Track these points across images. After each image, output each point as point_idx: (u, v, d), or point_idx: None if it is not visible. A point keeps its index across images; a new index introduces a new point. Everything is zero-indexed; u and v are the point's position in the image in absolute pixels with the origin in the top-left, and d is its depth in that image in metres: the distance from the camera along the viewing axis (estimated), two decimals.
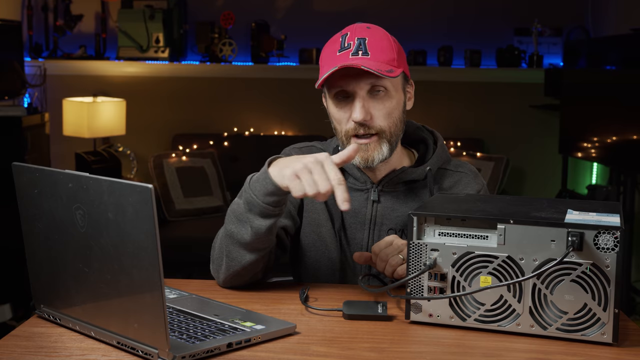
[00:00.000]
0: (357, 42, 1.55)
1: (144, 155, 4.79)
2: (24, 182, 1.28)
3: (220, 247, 1.53)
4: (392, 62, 1.55)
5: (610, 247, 1.21)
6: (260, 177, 1.43)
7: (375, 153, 1.57)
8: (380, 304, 1.37)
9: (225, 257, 1.50)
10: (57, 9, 4.83)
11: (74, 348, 1.20)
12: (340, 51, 1.55)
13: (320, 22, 4.87)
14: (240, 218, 1.47)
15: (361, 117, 1.54)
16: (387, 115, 1.57)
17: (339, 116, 1.59)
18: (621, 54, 3.75)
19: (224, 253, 1.51)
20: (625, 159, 3.69)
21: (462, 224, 1.30)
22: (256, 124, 4.90)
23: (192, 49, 4.92)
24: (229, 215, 1.50)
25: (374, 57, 1.53)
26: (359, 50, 1.54)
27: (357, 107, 1.54)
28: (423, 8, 4.87)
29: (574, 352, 1.21)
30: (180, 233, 4.15)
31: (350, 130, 1.57)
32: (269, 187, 1.41)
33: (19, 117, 3.83)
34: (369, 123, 1.55)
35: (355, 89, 1.54)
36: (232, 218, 1.49)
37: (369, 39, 1.55)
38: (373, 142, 1.57)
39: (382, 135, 1.57)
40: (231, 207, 1.51)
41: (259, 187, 1.42)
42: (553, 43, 4.82)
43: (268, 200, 1.42)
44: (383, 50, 1.55)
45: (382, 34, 1.58)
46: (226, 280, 1.53)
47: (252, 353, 1.20)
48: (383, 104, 1.56)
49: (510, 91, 4.79)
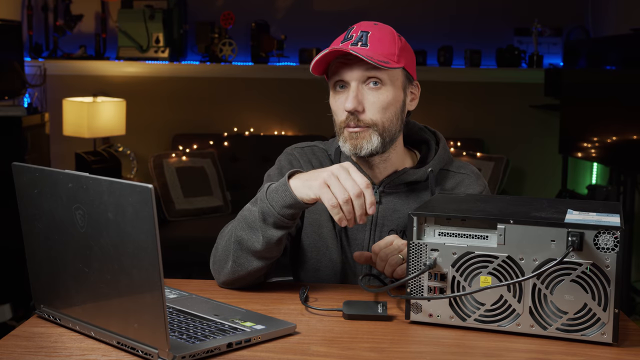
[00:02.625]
0: (360, 35, 1.56)
1: (144, 155, 4.79)
2: (24, 182, 1.28)
3: (225, 250, 1.52)
4: (391, 56, 1.55)
5: (610, 247, 1.21)
6: (279, 189, 1.42)
7: (364, 142, 1.57)
8: (380, 304, 1.38)
9: (232, 262, 1.49)
10: (57, 9, 4.83)
11: (74, 348, 1.20)
12: (342, 42, 1.57)
13: (320, 22, 4.87)
14: (252, 226, 1.46)
15: (352, 106, 1.54)
16: (380, 109, 1.56)
17: (335, 106, 1.60)
18: (621, 54, 3.75)
19: (231, 258, 1.50)
20: (625, 159, 3.69)
21: (462, 224, 1.30)
22: (256, 124, 4.90)
23: (192, 49, 4.92)
24: (240, 221, 1.49)
25: (373, 49, 1.54)
26: (359, 42, 1.55)
27: (349, 96, 1.55)
28: (423, 8, 4.87)
29: (574, 352, 1.21)
30: (180, 233, 4.15)
31: (343, 122, 1.58)
32: (287, 200, 1.40)
33: (19, 117, 3.83)
34: (360, 115, 1.56)
35: (350, 78, 1.55)
36: (244, 225, 1.48)
37: (373, 32, 1.56)
38: (363, 132, 1.57)
39: (373, 128, 1.57)
40: (242, 214, 1.49)
41: (277, 198, 1.42)
42: (553, 43, 4.82)
43: (285, 213, 1.41)
44: (384, 44, 1.56)
45: (388, 30, 1.59)
46: (227, 282, 1.53)
47: (252, 353, 1.20)
48: (377, 97, 1.56)
49: (510, 91, 4.79)
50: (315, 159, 1.71)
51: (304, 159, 1.70)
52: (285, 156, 1.73)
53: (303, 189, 1.39)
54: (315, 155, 1.71)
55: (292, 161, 1.70)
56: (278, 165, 1.71)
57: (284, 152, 1.74)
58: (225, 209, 4.46)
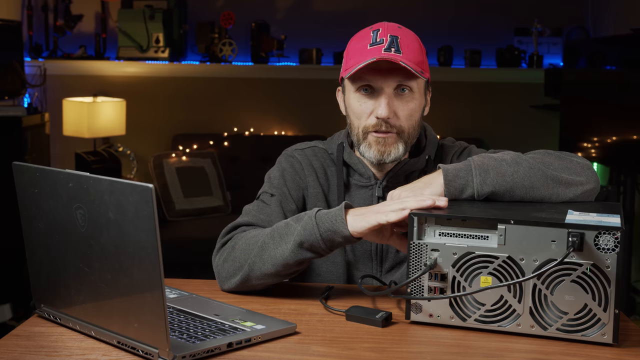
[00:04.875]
0: (390, 39, 1.54)
1: (144, 155, 4.79)
2: (24, 182, 1.28)
3: (244, 253, 1.49)
4: (422, 64, 1.56)
5: (611, 247, 1.21)
6: (332, 215, 1.41)
7: (392, 148, 1.57)
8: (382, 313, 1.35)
9: (247, 266, 1.47)
10: (57, 9, 4.83)
11: (74, 347, 1.20)
12: (371, 45, 1.54)
13: (320, 22, 4.87)
14: (284, 238, 1.44)
15: (386, 114, 1.53)
16: (408, 116, 1.57)
17: (360, 111, 1.58)
18: (621, 54, 3.75)
19: (247, 262, 1.47)
20: (625, 159, 3.69)
21: (463, 224, 1.30)
22: (256, 124, 4.90)
23: (192, 49, 4.92)
24: (274, 230, 1.47)
25: (406, 56, 1.53)
26: (392, 47, 1.53)
27: (382, 103, 1.54)
28: (423, 8, 4.87)
29: (574, 353, 1.21)
30: (180, 233, 4.15)
31: (371, 127, 1.57)
32: (337, 226, 1.39)
33: (19, 117, 3.83)
34: (391, 121, 1.55)
35: (383, 85, 1.54)
36: (275, 234, 1.46)
37: (401, 37, 1.55)
38: (391, 138, 1.56)
39: (401, 135, 1.57)
40: (278, 225, 1.48)
41: (326, 221, 1.41)
42: (553, 43, 4.82)
43: (327, 237, 1.40)
44: (414, 51, 1.55)
45: (413, 36, 1.59)
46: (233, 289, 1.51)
47: (252, 353, 1.20)
48: (407, 104, 1.56)
49: (510, 91, 4.79)
50: (316, 159, 1.70)
51: (305, 160, 1.70)
52: (285, 158, 1.72)
53: (356, 221, 1.38)
54: (316, 156, 1.71)
55: (294, 163, 1.70)
56: (279, 167, 1.70)
57: (283, 154, 1.73)
58: (225, 209, 4.46)
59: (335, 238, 1.40)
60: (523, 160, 1.46)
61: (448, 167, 1.45)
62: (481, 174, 1.43)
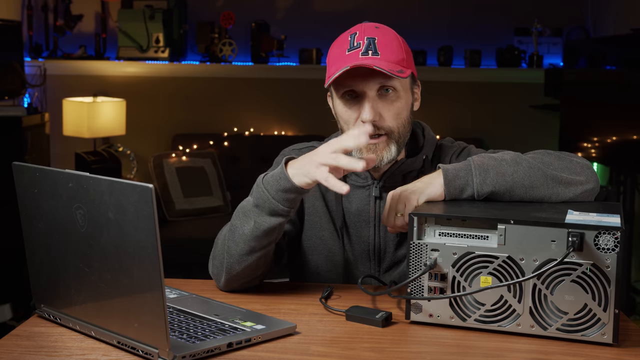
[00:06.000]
0: (367, 42, 1.53)
1: (144, 155, 4.79)
2: (24, 182, 1.28)
3: (222, 244, 1.53)
4: (402, 62, 1.54)
5: (611, 247, 1.21)
6: (275, 175, 1.43)
7: (384, 153, 1.56)
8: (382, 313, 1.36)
9: (226, 254, 1.50)
10: (57, 9, 4.83)
11: (74, 348, 1.21)
12: (349, 50, 1.54)
13: (320, 22, 4.86)
14: (246, 214, 1.47)
15: (370, 117, 1.53)
16: (395, 116, 1.56)
17: (347, 116, 1.57)
18: (621, 54, 3.75)
19: (225, 250, 1.50)
20: (625, 159, 3.69)
21: (463, 224, 1.30)
22: (256, 124, 4.90)
23: (192, 49, 4.92)
24: (236, 211, 1.50)
25: (384, 57, 1.52)
26: (369, 50, 1.52)
27: (366, 107, 1.53)
28: (423, 8, 4.87)
29: (574, 353, 1.21)
30: (180, 233, 4.15)
31: None
32: (283, 184, 1.41)
33: (19, 117, 3.83)
34: (378, 123, 1.54)
35: (365, 89, 1.53)
36: (239, 213, 1.49)
37: (379, 38, 1.54)
38: (382, 143, 1.56)
39: (391, 136, 1.56)
40: (240, 205, 1.51)
41: (272, 183, 1.42)
42: (553, 43, 4.82)
43: (280, 197, 1.42)
44: (393, 50, 1.54)
45: (392, 34, 1.57)
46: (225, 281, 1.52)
47: (252, 353, 1.20)
48: (392, 105, 1.55)
49: (510, 91, 4.79)
50: None
51: None
52: (282, 158, 1.72)
53: (299, 176, 1.39)
54: None
55: None
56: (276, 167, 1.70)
57: (281, 154, 1.73)
58: (225, 209, 4.46)
59: (287, 196, 1.41)
60: (523, 160, 1.47)
61: (448, 167, 1.45)
62: (481, 174, 1.43)
